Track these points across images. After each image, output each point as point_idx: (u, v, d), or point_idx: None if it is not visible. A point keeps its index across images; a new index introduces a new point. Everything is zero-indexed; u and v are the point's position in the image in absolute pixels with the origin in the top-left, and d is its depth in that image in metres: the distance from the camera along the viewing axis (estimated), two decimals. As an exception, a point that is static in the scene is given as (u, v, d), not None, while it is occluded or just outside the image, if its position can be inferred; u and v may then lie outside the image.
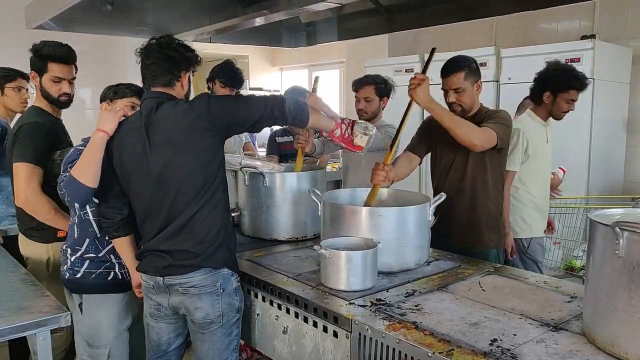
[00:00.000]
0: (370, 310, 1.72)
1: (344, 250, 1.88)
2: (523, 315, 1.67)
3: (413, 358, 1.48)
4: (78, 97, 2.46)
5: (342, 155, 3.73)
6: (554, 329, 1.57)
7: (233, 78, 3.37)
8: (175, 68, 1.96)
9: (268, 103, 1.94)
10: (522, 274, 2.11)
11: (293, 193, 2.55)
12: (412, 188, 3.81)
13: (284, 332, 1.98)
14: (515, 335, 1.52)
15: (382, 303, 1.78)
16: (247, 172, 2.58)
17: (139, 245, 2.09)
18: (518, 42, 4.77)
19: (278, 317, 2.01)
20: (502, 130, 2.34)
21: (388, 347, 1.56)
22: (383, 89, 3.16)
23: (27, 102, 3.08)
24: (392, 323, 1.62)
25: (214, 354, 2.01)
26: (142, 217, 2.00)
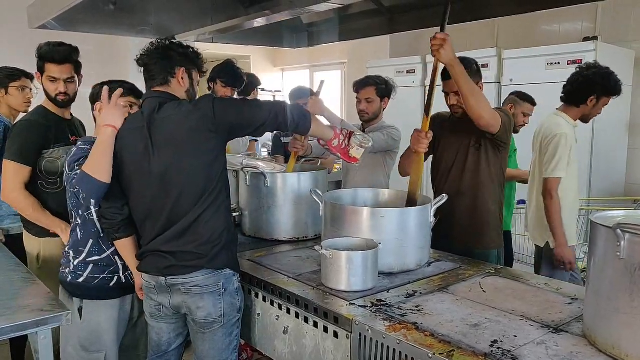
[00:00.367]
0: (371, 311, 1.73)
1: (345, 251, 1.88)
2: (524, 317, 1.67)
3: (413, 359, 1.48)
4: (81, 96, 2.47)
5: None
6: (555, 331, 1.57)
7: (234, 78, 3.38)
8: (169, 65, 1.97)
9: (273, 109, 1.94)
10: (523, 276, 2.10)
11: (294, 193, 2.56)
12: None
13: (285, 332, 1.98)
14: (516, 337, 1.52)
15: (382, 304, 1.78)
16: (248, 172, 2.59)
17: (139, 246, 2.09)
18: (520, 43, 4.76)
19: (279, 317, 2.01)
20: (505, 121, 2.35)
21: (388, 347, 1.56)
22: (384, 90, 3.16)
23: (30, 101, 3.09)
24: (392, 324, 1.62)
25: (215, 354, 2.01)
26: (141, 217, 1.99)
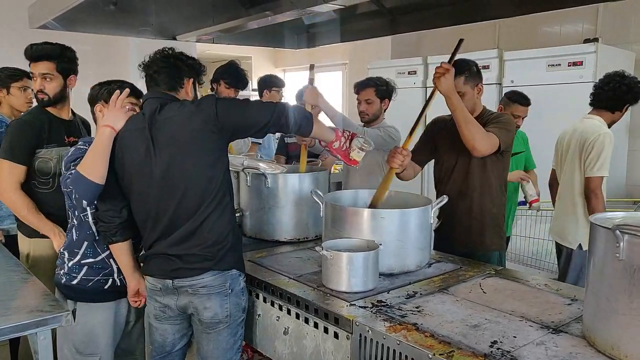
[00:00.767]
0: (371, 312, 1.73)
1: (346, 252, 1.88)
2: (523, 318, 1.67)
3: (413, 359, 1.49)
4: (81, 96, 2.47)
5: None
6: (554, 332, 1.57)
7: (237, 79, 3.39)
8: (178, 75, 1.99)
9: (275, 110, 1.94)
10: (523, 277, 2.10)
11: (295, 194, 2.56)
12: (414, 190, 3.81)
13: (285, 333, 1.98)
14: (516, 338, 1.52)
15: (383, 304, 1.78)
16: (249, 173, 2.59)
17: (140, 248, 2.09)
18: (521, 45, 4.76)
19: (279, 318, 2.01)
20: (504, 135, 2.34)
21: (389, 348, 1.56)
22: (384, 91, 3.16)
23: (32, 102, 3.09)
24: (392, 324, 1.62)
25: (219, 354, 2.01)
26: (143, 219, 1.98)
